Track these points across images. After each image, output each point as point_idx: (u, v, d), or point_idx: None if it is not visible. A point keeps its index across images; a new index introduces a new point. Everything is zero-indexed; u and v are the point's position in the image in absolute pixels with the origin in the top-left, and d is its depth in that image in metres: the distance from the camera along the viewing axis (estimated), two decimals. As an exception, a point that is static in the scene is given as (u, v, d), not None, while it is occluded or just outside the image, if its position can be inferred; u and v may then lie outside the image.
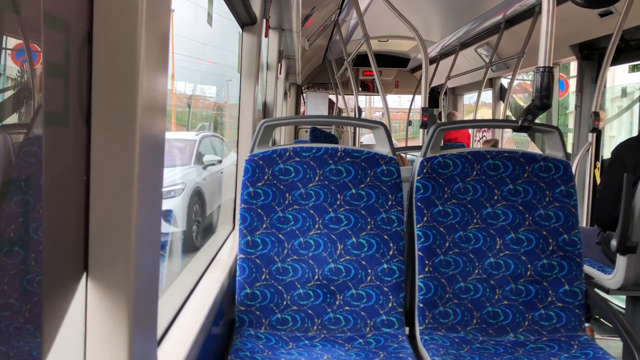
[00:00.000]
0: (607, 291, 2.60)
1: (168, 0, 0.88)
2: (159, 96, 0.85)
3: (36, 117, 0.72)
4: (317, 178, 1.83)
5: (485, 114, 8.40)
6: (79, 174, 0.76)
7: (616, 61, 3.86)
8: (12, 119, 0.71)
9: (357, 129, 6.38)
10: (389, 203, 1.83)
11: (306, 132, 8.46)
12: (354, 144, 6.78)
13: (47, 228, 0.70)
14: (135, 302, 0.78)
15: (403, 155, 3.76)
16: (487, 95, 7.20)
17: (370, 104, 14.59)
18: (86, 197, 0.77)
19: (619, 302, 3.42)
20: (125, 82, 0.76)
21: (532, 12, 4.44)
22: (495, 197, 1.87)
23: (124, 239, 0.77)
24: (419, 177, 1.85)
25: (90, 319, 0.78)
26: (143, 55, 0.76)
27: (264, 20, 2.52)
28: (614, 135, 6.10)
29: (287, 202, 1.82)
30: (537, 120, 1.90)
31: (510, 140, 7.61)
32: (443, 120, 8.36)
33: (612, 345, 3.02)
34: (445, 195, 1.86)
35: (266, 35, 2.73)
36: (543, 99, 1.78)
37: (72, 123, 0.74)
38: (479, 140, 7.61)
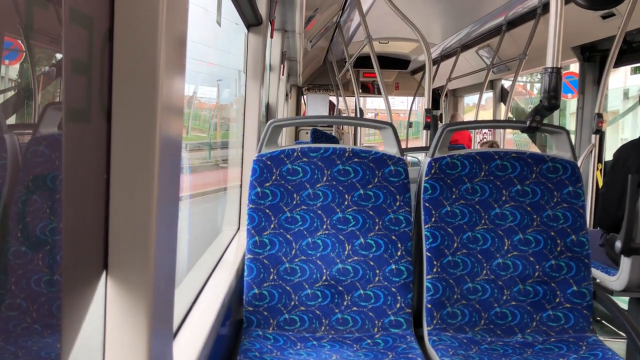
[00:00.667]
0: (612, 293, 2.61)
1: (186, 0, 0.88)
2: (178, 96, 0.84)
3: (53, 115, 0.71)
4: (325, 178, 1.83)
5: (482, 115, 8.40)
6: (99, 172, 0.75)
7: (618, 63, 3.87)
8: (25, 118, 0.71)
9: (359, 130, 6.38)
10: (397, 203, 1.83)
11: (307, 133, 8.45)
12: (355, 145, 6.78)
13: (68, 226, 0.70)
14: (154, 299, 0.78)
15: (414, 158, 3.76)
16: (484, 97, 7.21)
17: (365, 106, 14.62)
18: (106, 196, 0.76)
19: (621, 303, 3.42)
20: (146, 80, 0.76)
21: (534, 14, 4.45)
22: (503, 198, 1.87)
23: (143, 238, 0.77)
24: (427, 178, 1.85)
25: (109, 317, 0.77)
26: (163, 54, 0.76)
27: (270, 22, 2.52)
28: (627, 137, 6.08)
29: (294, 202, 1.81)
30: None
31: (510, 141, 7.62)
32: (444, 122, 8.37)
33: (615, 347, 3.02)
34: (453, 196, 1.86)
35: (272, 36, 2.73)
36: (551, 99, 1.79)
37: (94, 120, 0.73)
38: (479, 142, 7.62)
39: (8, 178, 0.63)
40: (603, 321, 3.54)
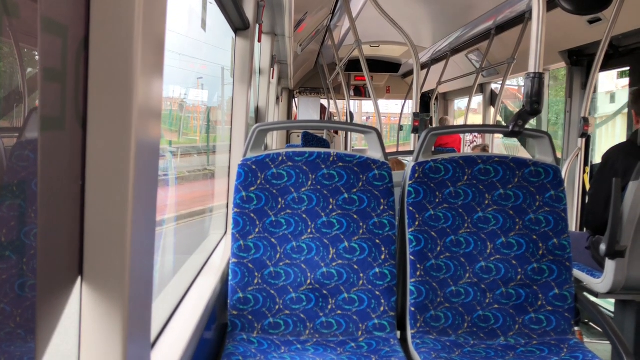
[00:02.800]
0: (597, 295, 2.63)
1: (164, 5, 0.88)
2: (155, 101, 0.85)
3: (29, 120, 0.72)
4: (309, 182, 1.84)
5: (472, 119, 8.45)
6: (74, 178, 0.76)
7: (605, 67, 3.91)
8: (3, 122, 0.71)
9: (349, 133, 6.40)
10: (381, 207, 1.84)
11: (298, 136, 8.46)
12: (346, 149, 6.80)
13: (42, 231, 0.71)
14: (130, 306, 0.78)
15: (405, 161, 3.77)
16: (475, 101, 7.24)
17: (361, 109, 14.65)
18: (81, 201, 0.77)
19: (608, 305, 3.45)
20: (121, 86, 0.76)
21: (522, 19, 4.49)
22: (486, 202, 1.88)
23: (119, 243, 0.77)
24: (410, 182, 1.87)
25: (84, 323, 0.78)
26: (139, 60, 0.76)
27: (257, 26, 2.53)
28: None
29: (279, 206, 1.82)
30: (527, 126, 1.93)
31: (500, 145, 7.66)
32: (434, 125, 8.41)
33: (601, 348, 3.05)
34: (437, 200, 1.87)
35: (259, 40, 2.74)
36: (533, 104, 1.80)
37: (68, 127, 0.74)
38: (469, 145, 7.66)
39: None
40: (590, 323, 3.56)
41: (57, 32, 0.71)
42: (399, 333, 1.83)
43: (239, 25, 2.41)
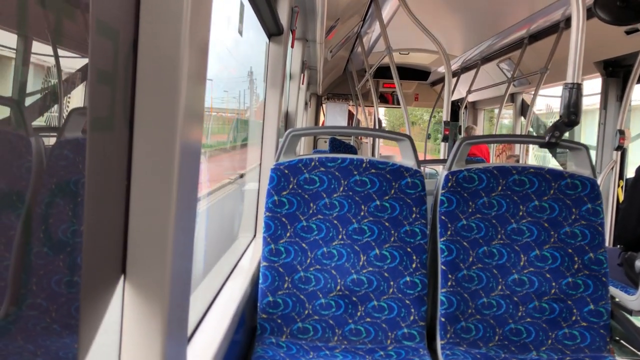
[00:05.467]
0: (630, 312, 2.56)
1: (209, 11, 0.90)
2: (198, 104, 0.86)
3: (75, 121, 0.74)
4: (341, 188, 1.84)
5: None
6: (120, 179, 0.77)
7: (642, 79, 3.82)
8: (51, 122, 0.73)
9: (377, 140, 6.38)
10: (413, 216, 1.83)
11: (325, 142, 8.47)
12: (373, 155, 6.78)
13: (88, 231, 0.72)
14: (169, 304, 0.79)
15: (434, 170, 3.74)
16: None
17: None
18: (126, 202, 0.78)
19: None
20: (168, 89, 0.78)
21: (557, 28, 4.42)
22: (520, 213, 1.85)
23: (161, 243, 0.78)
24: (443, 191, 1.85)
25: (126, 320, 0.79)
26: (185, 64, 0.78)
27: (291, 31, 2.54)
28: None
29: (311, 211, 1.82)
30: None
31: (531, 156, 7.54)
32: (462, 134, 8.32)
33: (634, 367, 2.97)
34: (470, 210, 1.85)
35: (292, 46, 2.75)
36: (571, 115, 1.77)
37: (116, 128, 0.76)
38: (499, 155, 7.56)
39: (32, 180, 0.65)
40: (622, 341, 3.47)
41: (108, 35, 0.73)
42: (428, 343, 1.81)
43: (273, 31, 2.43)
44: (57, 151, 0.71)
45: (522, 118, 6.64)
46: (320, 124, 9.55)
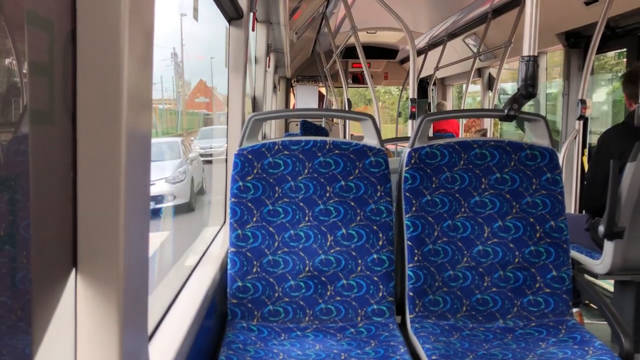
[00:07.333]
0: (596, 276, 2.65)
1: None
2: (145, 92, 0.85)
3: (23, 116, 0.72)
4: (306, 171, 1.84)
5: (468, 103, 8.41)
6: (66, 171, 0.76)
7: (602, 49, 3.89)
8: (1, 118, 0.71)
9: (347, 121, 6.38)
10: (378, 194, 1.85)
11: (297, 125, 8.45)
12: (344, 137, 6.78)
13: (36, 225, 0.71)
14: (125, 297, 0.79)
15: (391, 147, 3.76)
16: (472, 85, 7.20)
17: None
18: (74, 194, 0.77)
19: (608, 286, 3.46)
20: (110, 78, 0.76)
21: (519, 2, 4.46)
22: (483, 186, 1.89)
23: (112, 234, 0.78)
24: (407, 168, 1.87)
25: (80, 315, 0.78)
26: (127, 52, 0.76)
27: (251, 14, 2.52)
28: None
29: (276, 195, 1.83)
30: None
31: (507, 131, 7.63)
32: (433, 110, 8.38)
33: (602, 328, 3.07)
34: (433, 185, 1.88)
35: (253, 29, 2.72)
36: (528, 87, 1.80)
37: (58, 121, 0.74)
38: (468, 130, 7.64)
39: None
40: (591, 304, 3.58)
41: (44, 27, 0.71)
42: (398, 318, 1.84)
43: (233, 15, 2.40)
44: (7, 147, 0.70)
45: (490, 92, 6.72)
46: (292, 107, 9.51)
